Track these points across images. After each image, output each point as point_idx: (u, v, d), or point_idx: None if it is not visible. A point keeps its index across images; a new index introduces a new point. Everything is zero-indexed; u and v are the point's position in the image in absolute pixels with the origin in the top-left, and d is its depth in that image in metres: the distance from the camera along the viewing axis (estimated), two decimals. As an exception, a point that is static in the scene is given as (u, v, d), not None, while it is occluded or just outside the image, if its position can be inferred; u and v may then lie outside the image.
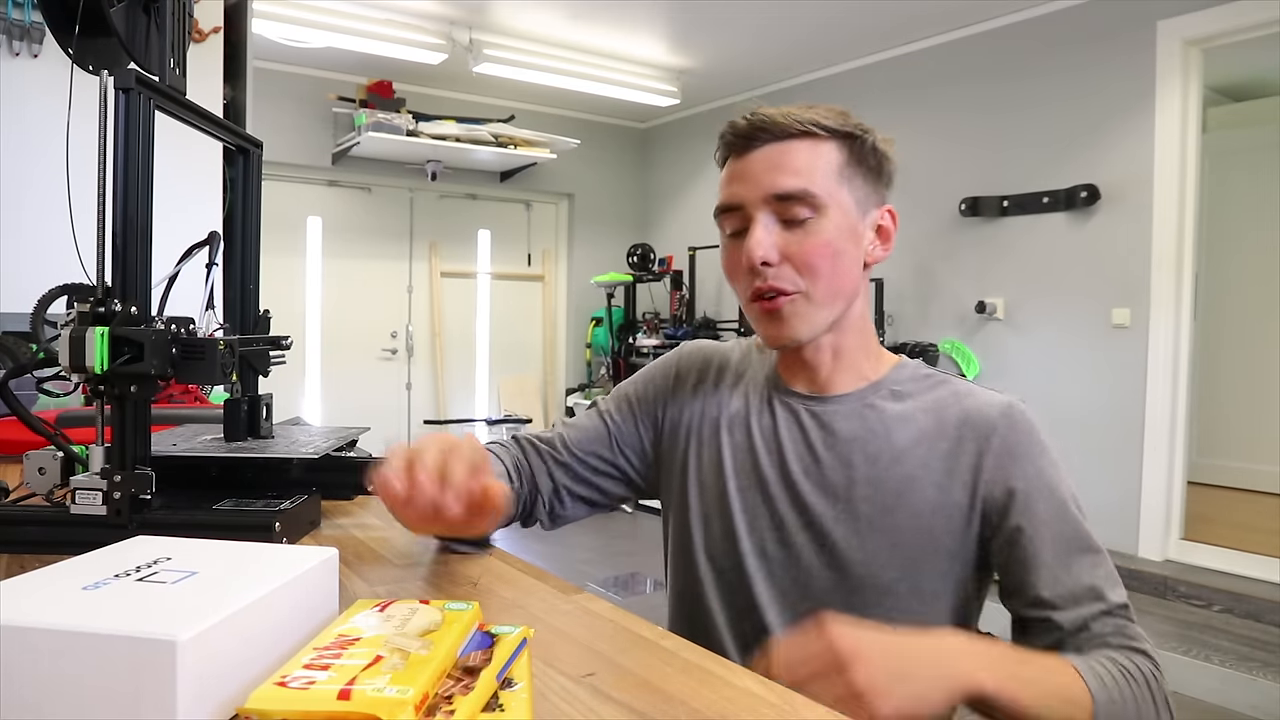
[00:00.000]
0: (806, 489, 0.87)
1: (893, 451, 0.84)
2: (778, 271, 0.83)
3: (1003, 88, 3.82)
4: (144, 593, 0.49)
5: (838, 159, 0.84)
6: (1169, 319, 3.29)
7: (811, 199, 0.82)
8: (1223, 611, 3.00)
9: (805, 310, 0.84)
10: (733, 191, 0.85)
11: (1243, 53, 3.41)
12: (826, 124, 0.84)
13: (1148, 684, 0.72)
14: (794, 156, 0.83)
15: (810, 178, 0.82)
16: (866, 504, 0.84)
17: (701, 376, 1.00)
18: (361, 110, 4.48)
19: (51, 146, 0.96)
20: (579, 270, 5.72)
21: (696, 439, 0.96)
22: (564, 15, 3.96)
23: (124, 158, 0.75)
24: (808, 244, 0.83)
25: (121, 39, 0.83)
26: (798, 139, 0.84)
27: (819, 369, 0.90)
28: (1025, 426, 0.83)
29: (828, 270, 0.83)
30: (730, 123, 0.86)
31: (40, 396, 1.03)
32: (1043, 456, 0.82)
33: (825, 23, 3.94)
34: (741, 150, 0.85)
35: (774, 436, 0.91)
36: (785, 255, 0.83)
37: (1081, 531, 0.79)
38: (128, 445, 0.76)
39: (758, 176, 0.83)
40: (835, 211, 0.83)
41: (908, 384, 0.89)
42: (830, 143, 0.84)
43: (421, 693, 0.43)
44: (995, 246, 3.85)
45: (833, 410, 0.89)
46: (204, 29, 2.28)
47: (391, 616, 0.54)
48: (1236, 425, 4.53)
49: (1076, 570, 0.78)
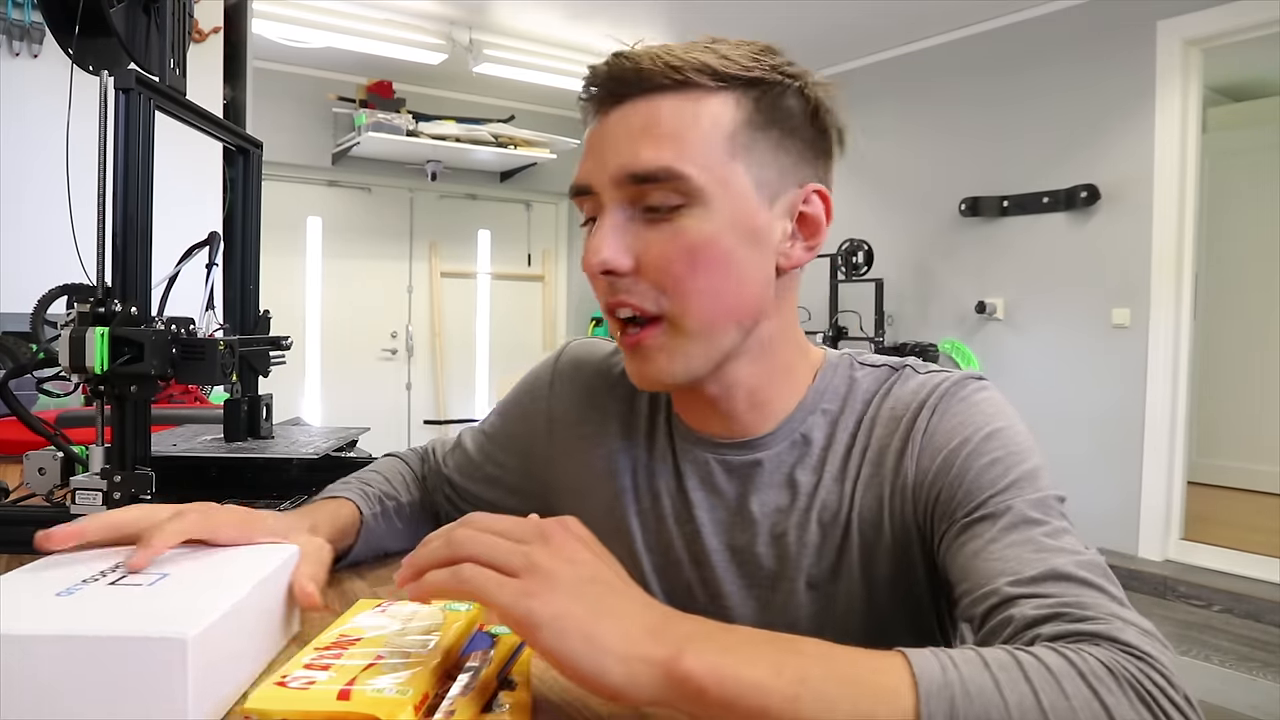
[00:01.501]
0: (731, 579, 0.68)
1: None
2: (630, 284, 0.60)
3: (1003, 87, 3.81)
4: (126, 595, 0.48)
5: (730, 120, 0.60)
6: (1169, 319, 3.29)
7: (679, 180, 0.58)
8: (1223, 611, 3.00)
9: (672, 344, 0.61)
10: (583, 168, 0.63)
11: (1243, 53, 3.41)
12: (719, 68, 0.60)
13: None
14: (660, 119, 0.59)
15: (679, 149, 0.58)
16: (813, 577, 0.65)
17: (584, 414, 0.76)
18: (361, 110, 4.48)
19: (51, 146, 0.96)
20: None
21: (591, 499, 0.73)
22: (564, 15, 3.96)
23: (124, 158, 0.75)
24: (671, 248, 0.59)
25: (121, 39, 0.83)
26: (668, 92, 0.59)
27: (725, 412, 0.67)
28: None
29: (702, 286, 0.59)
30: (589, 68, 0.62)
31: (40, 396, 1.03)
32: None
33: (825, 23, 3.94)
34: (601, 108, 0.62)
35: (684, 507, 0.69)
36: (640, 263, 0.60)
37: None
38: (128, 445, 0.76)
39: (611, 146, 0.60)
40: (720, 199, 0.59)
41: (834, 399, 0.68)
42: (720, 96, 0.60)
43: (421, 693, 0.43)
44: (995, 246, 3.85)
45: (752, 464, 0.67)
46: (204, 29, 2.28)
47: (392, 617, 0.54)
48: (1236, 425, 4.53)
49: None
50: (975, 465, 0.58)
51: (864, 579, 0.64)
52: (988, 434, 0.59)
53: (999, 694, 0.40)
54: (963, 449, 0.59)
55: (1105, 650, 0.43)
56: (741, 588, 0.67)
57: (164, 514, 0.58)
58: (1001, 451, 0.58)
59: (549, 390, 0.79)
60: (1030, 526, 0.54)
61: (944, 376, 0.65)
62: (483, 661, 0.49)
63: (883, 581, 0.63)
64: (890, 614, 0.64)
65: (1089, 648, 0.44)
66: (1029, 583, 0.49)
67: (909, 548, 0.62)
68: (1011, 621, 0.48)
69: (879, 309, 4.11)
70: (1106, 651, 0.43)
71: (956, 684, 0.41)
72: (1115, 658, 0.43)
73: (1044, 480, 0.57)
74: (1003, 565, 0.52)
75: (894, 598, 0.63)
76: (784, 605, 0.66)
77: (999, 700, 0.40)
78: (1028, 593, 0.49)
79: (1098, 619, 0.46)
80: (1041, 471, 0.58)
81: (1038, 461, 0.59)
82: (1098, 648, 0.44)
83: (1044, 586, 0.49)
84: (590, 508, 0.72)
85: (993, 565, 0.52)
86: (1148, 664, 0.43)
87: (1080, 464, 3.49)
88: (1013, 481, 0.57)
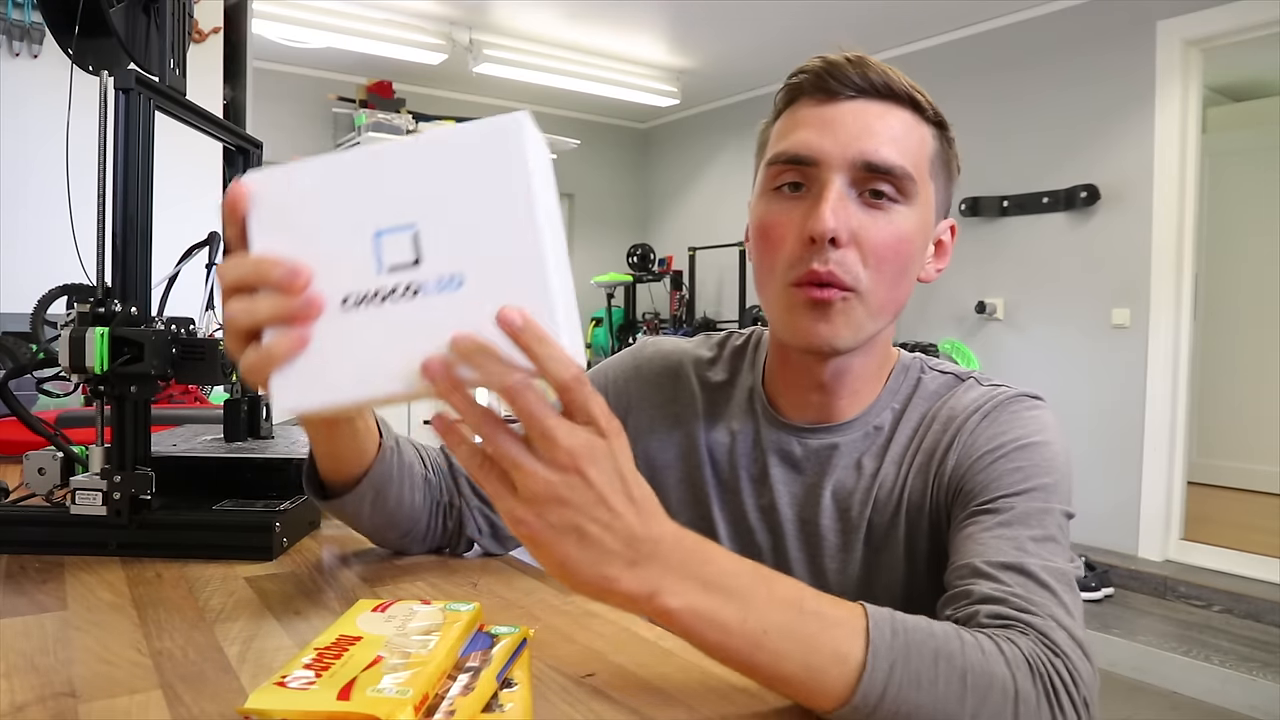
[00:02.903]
0: (796, 548, 0.75)
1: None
2: (841, 256, 0.65)
3: (1002, 87, 3.82)
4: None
5: (931, 148, 0.70)
6: (1169, 319, 3.29)
7: (907, 181, 0.66)
8: (1223, 611, 3.00)
9: (856, 314, 0.67)
10: (807, 140, 0.67)
11: (1243, 53, 3.41)
12: (929, 103, 0.69)
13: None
14: (894, 124, 0.67)
15: (909, 155, 0.67)
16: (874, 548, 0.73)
17: (669, 395, 0.83)
18: (361, 110, 4.48)
19: (51, 147, 0.96)
20: (579, 270, 5.69)
21: (674, 478, 0.80)
22: (563, 15, 3.96)
23: (124, 158, 0.74)
24: (887, 232, 0.66)
25: (121, 39, 0.83)
26: (902, 106, 0.68)
27: (829, 394, 0.74)
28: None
29: (895, 271, 0.67)
30: (821, 58, 0.68)
31: (40, 397, 1.03)
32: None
33: (825, 23, 3.94)
34: (827, 95, 0.68)
35: (763, 482, 0.76)
36: (855, 239, 0.66)
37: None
38: (128, 445, 0.76)
39: (850, 131, 0.66)
40: (922, 206, 0.69)
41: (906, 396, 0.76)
42: (928, 127, 0.70)
43: (421, 693, 0.43)
44: (995, 246, 3.85)
45: (830, 447, 0.74)
46: (204, 29, 2.28)
47: (392, 617, 0.54)
48: (1236, 425, 4.53)
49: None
50: (1001, 468, 0.65)
51: (907, 555, 0.71)
52: (1023, 445, 0.66)
53: (934, 667, 0.48)
54: (996, 452, 0.66)
55: (1029, 641, 0.51)
56: (805, 556, 0.75)
57: None
58: (1028, 462, 0.65)
59: (634, 367, 0.85)
60: (1022, 527, 0.60)
61: (1004, 390, 0.72)
62: (483, 661, 0.49)
63: (921, 558, 0.70)
64: (925, 584, 0.70)
65: (1017, 636, 0.51)
66: (995, 567, 0.57)
67: (944, 531, 0.68)
68: (968, 595, 0.56)
69: (879, 309, 4.10)
70: (1029, 642, 0.51)
71: (900, 653, 0.48)
72: (1035, 649, 0.51)
73: (1058, 496, 0.63)
74: (981, 549, 0.59)
75: (929, 570, 0.70)
76: (840, 571, 0.73)
77: (931, 674, 0.48)
78: (989, 574, 0.57)
79: (1036, 615, 0.53)
80: (1059, 488, 0.64)
81: (1060, 480, 0.64)
82: (1025, 637, 0.51)
83: (1005, 574, 0.56)
84: (665, 479, 0.80)
85: (974, 547, 0.60)
86: (1062, 660, 0.51)
87: (1080, 464, 3.47)
88: (1028, 489, 0.63)
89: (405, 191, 0.45)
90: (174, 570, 0.75)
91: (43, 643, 0.58)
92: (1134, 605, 3.08)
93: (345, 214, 0.46)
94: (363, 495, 0.72)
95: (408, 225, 0.45)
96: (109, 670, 0.54)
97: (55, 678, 0.52)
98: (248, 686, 0.51)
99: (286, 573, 0.76)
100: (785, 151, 0.68)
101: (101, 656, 0.56)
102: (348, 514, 0.75)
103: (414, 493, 0.76)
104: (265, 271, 0.45)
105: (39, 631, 0.60)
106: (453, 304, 0.44)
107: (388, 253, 0.45)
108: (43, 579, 0.72)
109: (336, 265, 0.45)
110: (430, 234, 0.45)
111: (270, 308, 0.45)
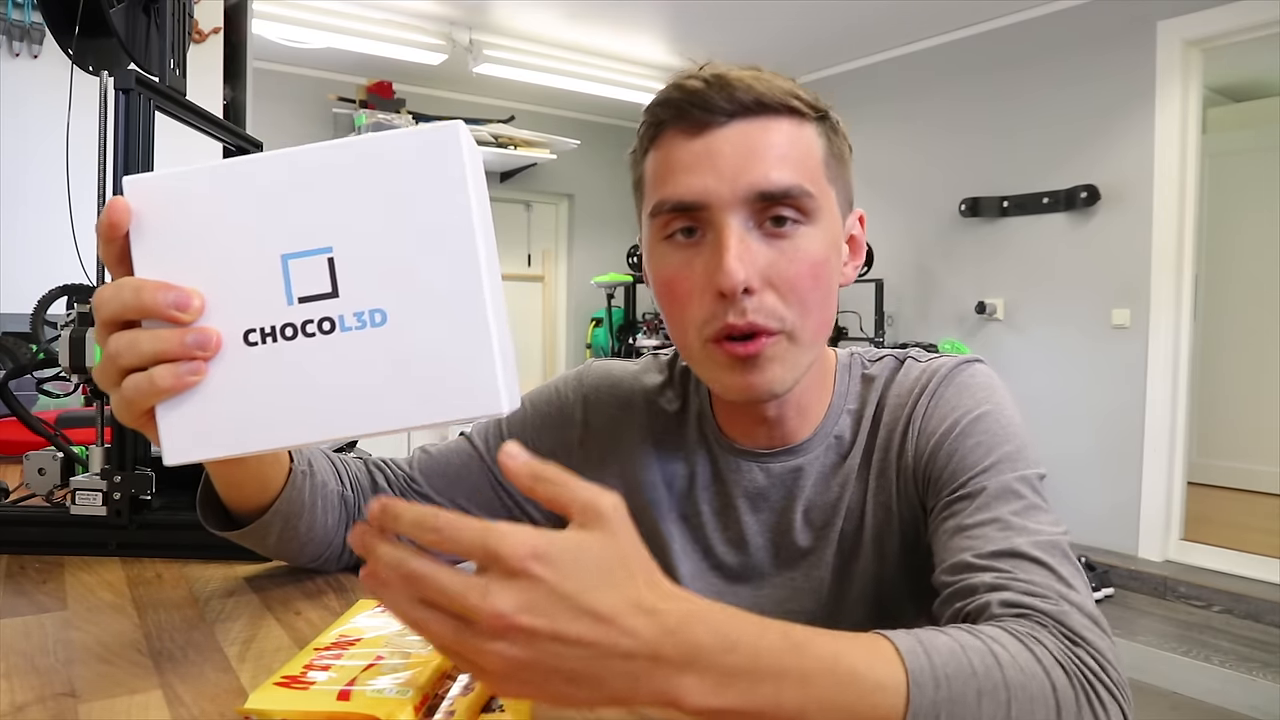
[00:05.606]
0: (769, 564, 0.72)
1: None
2: (758, 302, 0.60)
3: (1003, 88, 3.81)
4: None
5: (821, 148, 0.64)
6: (1169, 319, 3.29)
7: (805, 199, 0.61)
8: (1223, 612, 3.00)
9: (789, 355, 0.63)
10: (688, 184, 0.61)
11: (1243, 53, 3.41)
12: (808, 99, 0.63)
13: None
14: (777, 140, 0.61)
15: (801, 170, 0.61)
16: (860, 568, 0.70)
17: (618, 423, 0.77)
18: (361, 111, 4.48)
19: (51, 147, 0.96)
20: (579, 271, 5.72)
21: (630, 512, 0.74)
22: (563, 15, 3.96)
23: (124, 158, 0.74)
24: (799, 262, 0.61)
25: (121, 39, 0.83)
26: (779, 116, 0.61)
27: (777, 424, 0.70)
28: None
29: (819, 298, 0.63)
30: (678, 85, 0.62)
31: (40, 397, 1.03)
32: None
33: (825, 23, 3.94)
34: (696, 126, 0.61)
35: (728, 514, 0.73)
36: (767, 279, 0.61)
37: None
38: (128, 445, 0.76)
39: (732, 164, 0.60)
40: (826, 219, 0.63)
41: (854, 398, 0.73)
42: (812, 126, 0.63)
43: (421, 693, 0.43)
44: (995, 247, 3.85)
45: (795, 470, 0.71)
46: (204, 29, 2.28)
47: (392, 617, 0.54)
48: (1236, 425, 4.53)
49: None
50: (961, 447, 0.63)
51: (876, 556, 0.69)
52: (975, 417, 0.64)
53: (978, 707, 0.44)
54: (951, 432, 0.64)
55: (1051, 636, 0.49)
56: (775, 568, 0.72)
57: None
58: (985, 434, 0.63)
59: (583, 404, 0.79)
60: (1001, 504, 0.59)
61: (940, 363, 0.70)
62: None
63: (891, 556, 0.68)
64: (896, 583, 0.69)
65: (1039, 631, 0.49)
66: (988, 557, 0.55)
67: (915, 524, 0.67)
68: (973, 590, 0.54)
69: (879, 309, 4.11)
70: (1051, 637, 0.49)
71: (944, 706, 0.44)
72: (1059, 644, 0.48)
73: (1024, 459, 0.62)
74: (971, 542, 0.57)
75: (901, 569, 0.68)
76: (814, 581, 0.71)
77: (976, 716, 0.44)
78: (986, 566, 0.55)
79: (1045, 598, 0.51)
80: (1023, 451, 0.62)
81: (1020, 442, 0.63)
82: (1045, 630, 0.49)
83: (1000, 562, 0.55)
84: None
85: (963, 541, 0.58)
86: (1085, 649, 0.49)
87: (1080, 464, 3.49)
88: (993, 463, 0.61)
89: (320, 210, 0.40)
90: (174, 570, 0.75)
91: (43, 643, 0.58)
92: (1134, 605, 3.08)
93: (247, 234, 0.40)
94: (268, 525, 0.67)
95: (322, 249, 0.39)
96: (109, 670, 0.54)
97: (55, 678, 0.52)
98: (248, 686, 0.51)
99: (286, 573, 0.76)
100: (668, 199, 0.62)
101: (101, 656, 0.56)
102: (250, 543, 0.69)
103: (327, 515, 0.71)
104: (149, 299, 0.39)
105: (39, 631, 0.60)
106: (374, 342, 0.39)
107: (298, 282, 0.39)
108: (43, 579, 0.72)
109: (238, 295, 0.40)
110: (349, 261, 0.39)
111: (155, 343, 0.39)
